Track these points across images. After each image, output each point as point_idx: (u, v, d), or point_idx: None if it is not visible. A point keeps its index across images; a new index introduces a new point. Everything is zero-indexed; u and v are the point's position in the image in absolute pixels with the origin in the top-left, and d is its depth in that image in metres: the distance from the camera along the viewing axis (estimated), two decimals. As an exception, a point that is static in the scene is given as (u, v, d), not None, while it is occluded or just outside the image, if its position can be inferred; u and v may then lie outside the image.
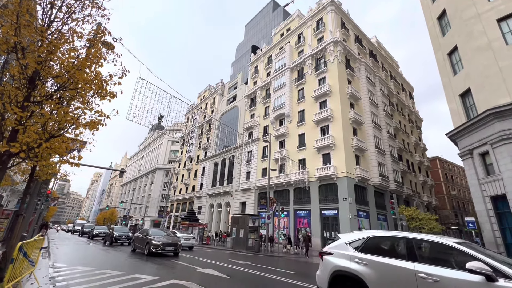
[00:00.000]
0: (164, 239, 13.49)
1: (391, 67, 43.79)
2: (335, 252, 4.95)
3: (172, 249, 13.46)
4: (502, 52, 16.75)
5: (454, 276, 3.66)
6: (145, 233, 14.44)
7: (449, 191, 54.63)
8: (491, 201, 16.71)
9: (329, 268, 4.77)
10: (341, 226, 23.52)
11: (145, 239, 13.64)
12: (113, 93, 5.15)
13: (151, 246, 12.86)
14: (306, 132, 30.14)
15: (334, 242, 5.22)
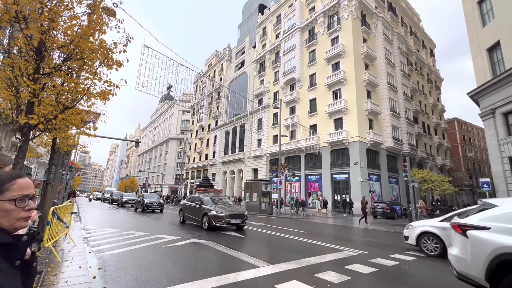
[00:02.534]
0: (225, 209, 10.62)
1: (411, 21, 40.11)
2: (496, 226, 3.34)
3: (239, 222, 10.38)
4: (543, -4, 14.80)
5: None
6: (199, 201, 11.41)
7: (465, 153, 53.40)
8: (509, 161, 16.28)
9: (486, 251, 3.25)
10: (352, 190, 23.98)
11: (201, 209, 10.81)
12: (120, 61, 5.07)
13: (212, 218, 9.99)
14: (318, 97, 29.27)
15: (486, 212, 3.63)
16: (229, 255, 6.19)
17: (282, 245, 7.90)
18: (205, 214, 10.37)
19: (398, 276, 5.04)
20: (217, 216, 10.04)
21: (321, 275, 4.78)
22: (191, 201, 12.12)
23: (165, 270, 4.85)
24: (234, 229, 10.57)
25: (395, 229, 13.24)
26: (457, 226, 3.78)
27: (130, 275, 4.51)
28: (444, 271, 5.57)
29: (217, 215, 10.06)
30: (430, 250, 7.13)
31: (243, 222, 10.52)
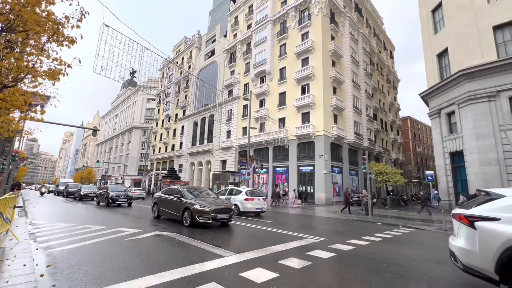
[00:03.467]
0: (210, 202, 9.28)
1: (375, 24, 42.57)
2: (506, 217, 3.24)
3: (226, 217, 9.17)
4: (483, 11, 16.72)
5: None
6: (178, 194, 10.00)
7: (415, 149, 59.25)
8: (450, 156, 18.47)
9: (497, 242, 3.14)
10: (316, 181, 25.18)
11: (181, 203, 9.48)
12: (72, 38, 4.51)
13: (195, 213, 8.71)
14: (287, 91, 29.81)
15: (494, 202, 3.51)
16: (194, 246, 6.11)
17: (250, 236, 8.04)
18: (187, 208, 9.01)
19: (354, 259, 5.46)
20: (202, 211, 8.70)
21: (284, 261, 4.97)
22: (169, 194, 10.65)
23: (124, 264, 4.61)
24: (219, 225, 9.50)
25: (364, 218, 14.28)
26: (464, 217, 3.59)
27: (85, 271, 4.20)
28: (394, 252, 6.19)
29: (201, 209, 8.72)
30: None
31: (230, 217, 9.37)
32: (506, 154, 14.84)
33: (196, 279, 3.92)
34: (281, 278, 4.08)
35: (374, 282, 4.08)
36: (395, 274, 4.52)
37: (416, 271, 4.76)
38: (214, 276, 4.06)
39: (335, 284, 4.06)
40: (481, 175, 15.37)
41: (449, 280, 4.40)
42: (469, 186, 15.88)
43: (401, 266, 5.09)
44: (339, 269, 4.76)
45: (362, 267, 4.88)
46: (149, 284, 3.65)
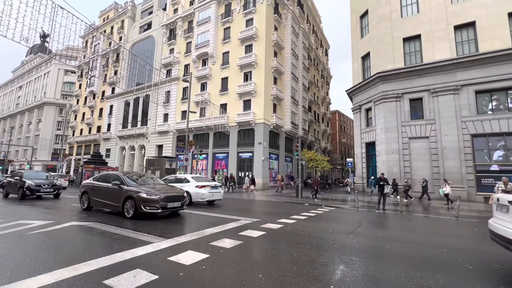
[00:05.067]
0: (158, 189, 8.15)
1: (314, 21, 45.38)
2: None
3: (178, 205, 8.22)
4: (397, 23, 19.62)
5: None
6: (117, 180, 8.43)
7: (340, 139, 67.39)
8: (365, 146, 21.66)
9: None
10: (255, 167, 26.16)
11: (121, 191, 8.02)
12: None
13: (141, 203, 7.48)
14: (230, 76, 29.48)
15: None
16: (118, 235, 5.63)
17: (188, 221, 7.85)
18: (129, 197, 7.73)
19: (281, 235, 5.97)
20: (149, 199, 7.54)
21: (216, 243, 5.07)
22: (103, 181, 8.97)
23: (25, 260, 3.92)
24: (167, 214, 8.32)
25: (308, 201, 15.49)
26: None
27: (-35, 272, 3.40)
28: (315, 228, 7.02)
29: (148, 198, 7.55)
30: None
31: (182, 206, 8.38)
32: (404, 145, 18.30)
33: (117, 268, 3.65)
34: (211, 258, 4.16)
35: (295, 253, 4.56)
36: (313, 245, 5.15)
37: (330, 242, 5.54)
38: (139, 263, 3.85)
39: (261, 258, 4.38)
40: (386, 162, 18.61)
41: (354, 247, 5.27)
42: (377, 171, 19.07)
43: (319, 238, 5.84)
44: (266, 245, 5.14)
45: (287, 242, 5.38)
46: (58, 279, 3.21)
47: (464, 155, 16.45)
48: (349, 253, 4.71)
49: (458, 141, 16.58)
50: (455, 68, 16.96)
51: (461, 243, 5.99)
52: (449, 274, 3.82)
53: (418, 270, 3.91)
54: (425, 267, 4.10)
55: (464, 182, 16.27)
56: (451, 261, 4.49)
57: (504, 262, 4.51)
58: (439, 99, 17.38)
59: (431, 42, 18.04)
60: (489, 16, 16.51)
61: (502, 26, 16.14)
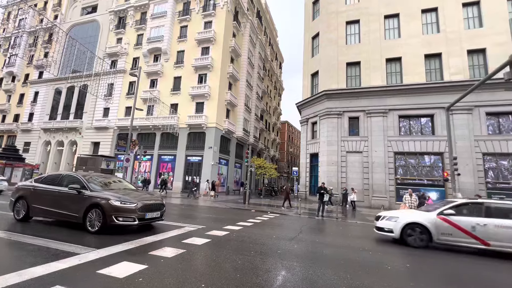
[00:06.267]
0: (134, 196, 6.64)
1: (271, 34, 47.49)
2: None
3: (157, 216, 6.87)
4: (342, 49, 21.93)
5: None
6: (77, 183, 6.62)
7: (288, 149, 71.05)
8: (310, 157, 23.27)
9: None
10: (203, 172, 25.49)
11: (83, 198, 6.31)
12: None
13: (113, 213, 5.96)
14: (183, 76, 28.42)
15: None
16: (34, 246, 4.77)
17: (125, 229, 7.09)
18: (95, 206, 6.09)
19: (226, 243, 5.91)
20: (124, 208, 6.04)
21: (156, 252, 4.73)
22: (52, 184, 6.98)
23: None
24: (136, 227, 6.42)
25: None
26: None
27: None
28: (260, 234, 7.17)
29: (123, 207, 6.04)
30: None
31: (161, 215, 7.09)
32: (342, 158, 20.30)
33: (30, 285, 3.07)
34: (150, 269, 3.85)
35: (240, 261, 4.57)
36: (258, 252, 5.25)
37: (274, 248, 5.73)
38: (60, 278, 3.32)
39: (204, 267, 4.25)
40: (327, 172, 20.32)
41: (295, 252, 5.55)
42: (318, 180, 20.64)
43: (263, 245, 5.98)
44: (211, 253, 5.02)
45: (232, 249, 5.36)
46: None
47: (388, 169, 19.13)
48: (291, 259, 4.95)
49: (384, 157, 19.23)
50: (385, 94, 19.78)
51: (382, 247, 6.88)
52: (372, 274, 4.35)
53: (349, 272, 4.34)
54: (355, 269, 4.58)
55: (387, 192, 18.85)
56: (374, 262, 5.13)
57: (413, 262, 5.36)
58: (372, 119, 19.96)
59: (368, 69, 20.71)
60: (411, 55, 19.86)
61: (420, 64, 19.60)
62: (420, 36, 19.97)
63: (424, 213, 7.21)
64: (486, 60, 18.21)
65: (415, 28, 20.16)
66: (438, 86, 18.59)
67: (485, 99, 17.38)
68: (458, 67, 18.65)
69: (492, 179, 17.27)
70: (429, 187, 18.24)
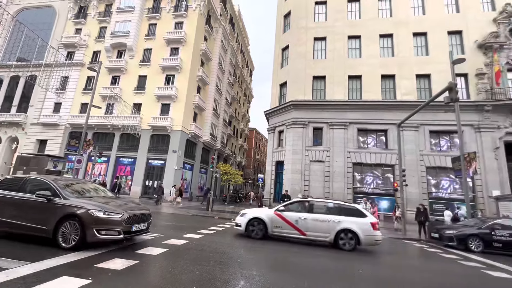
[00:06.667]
0: (118, 205, 5.76)
1: (243, 41, 48.05)
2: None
3: (143, 228, 6.00)
4: (309, 63, 23.01)
5: None
6: (47, 189, 5.52)
7: (255, 156, 71.59)
8: (275, 164, 23.67)
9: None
10: (166, 176, 24.31)
11: (54, 208, 5.29)
12: None
13: (94, 225, 5.08)
14: (149, 75, 27.12)
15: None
16: None
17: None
18: (71, 217, 5.14)
19: (184, 252, 5.63)
20: (108, 220, 5.17)
21: (104, 264, 4.29)
22: (13, 189, 5.75)
23: None
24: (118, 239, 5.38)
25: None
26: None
27: None
28: (221, 242, 6.98)
29: (107, 218, 5.17)
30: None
31: (148, 227, 6.25)
32: (306, 167, 21.04)
33: None
34: (94, 284, 3.46)
35: (198, 271, 4.37)
36: (217, 261, 5.08)
37: (234, 257, 5.61)
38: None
39: (158, 279, 3.97)
40: (291, 180, 20.83)
41: (256, 261, 5.50)
42: (283, 188, 21.03)
43: (224, 253, 5.82)
44: (166, 264, 4.72)
45: (191, 259, 5.11)
46: None
47: (347, 179, 20.32)
48: (251, 268, 4.88)
49: (344, 166, 20.41)
50: (346, 108, 21.16)
51: (336, 253, 7.19)
52: (328, 280, 4.48)
53: (306, 279, 4.42)
54: (311, 275, 4.68)
55: (345, 200, 19.93)
56: (329, 268, 5.31)
57: (365, 269, 5.67)
58: (334, 131, 21.14)
59: (333, 84, 22.03)
60: (370, 74, 21.65)
61: (377, 83, 21.44)
62: (378, 58, 21.91)
63: (267, 210, 8.43)
64: (430, 84, 20.65)
65: (374, 50, 22.09)
66: (391, 104, 20.48)
67: (429, 118, 19.61)
68: (408, 88, 20.82)
69: (433, 190, 19.39)
70: (382, 196, 19.78)
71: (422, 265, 7.27)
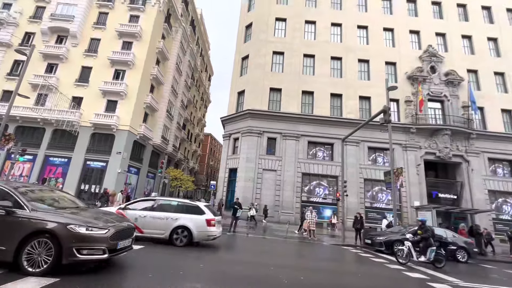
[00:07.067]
0: (98, 217, 4.81)
1: (204, 45, 47.41)
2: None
3: (128, 244, 4.99)
4: (267, 75, 23.85)
5: None
6: (5, 198, 4.23)
7: (209, 162, 70.06)
8: (229, 171, 23.53)
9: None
10: (107, 180, 21.96)
11: (15, 222, 4.04)
12: None
13: (74, 243, 4.02)
14: (95, 68, 24.56)
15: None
16: None
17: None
18: (40, 233, 4.13)
19: (124, 263, 5.09)
20: (92, 237, 4.29)
21: None
22: None
23: None
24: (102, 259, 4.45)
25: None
26: None
27: None
28: (165, 253, 6.53)
29: (90, 235, 4.29)
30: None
31: (131, 244, 5.22)
32: (258, 175, 21.41)
33: None
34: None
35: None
36: (157, 274, 4.72)
37: (177, 269, 5.28)
38: None
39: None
40: (243, 188, 20.90)
41: (200, 273, 5.26)
42: (235, 195, 20.95)
43: (165, 266, 5.43)
44: (101, 277, 4.18)
45: (131, 272, 4.63)
46: None
47: (296, 188, 21.31)
48: (194, 280, 4.66)
49: (294, 176, 21.40)
50: (299, 121, 22.42)
51: (284, 261, 7.41)
52: None
53: None
54: (259, 285, 4.69)
55: (294, 209, 20.83)
56: (275, 277, 5.42)
57: (310, 276, 5.94)
58: (287, 142, 22.11)
59: (288, 97, 23.17)
60: (321, 91, 23.45)
61: (327, 100, 23.32)
62: (328, 77, 23.93)
63: (111, 208, 8.41)
64: (370, 105, 23.35)
65: (325, 70, 24.08)
66: (337, 120, 22.46)
67: (368, 136, 22.05)
68: (352, 107, 23.15)
69: (369, 200, 21.66)
70: (326, 205, 21.26)
71: (356, 269, 7.96)
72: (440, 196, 22.11)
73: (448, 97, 23.44)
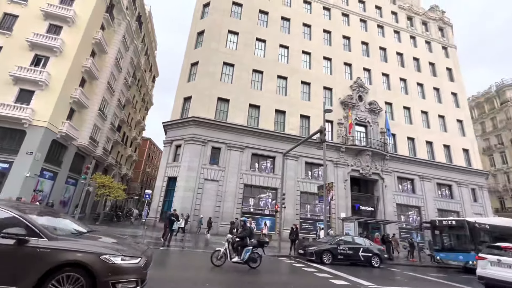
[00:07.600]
0: (126, 243, 4.05)
1: (150, 44, 44.54)
2: None
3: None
4: (216, 84, 23.81)
5: None
6: (15, 224, 3.03)
7: (145, 168, 64.42)
8: (168, 180, 22.10)
9: None
10: (8, 186, 17.88)
11: (38, 256, 2.99)
12: None
13: (110, 277, 3.18)
14: (6, 48, 20.34)
15: None
16: None
17: None
18: (67, 267, 3.23)
19: None
20: (127, 268, 3.67)
21: None
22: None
23: None
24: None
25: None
26: None
27: None
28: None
29: (126, 266, 3.66)
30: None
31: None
32: (199, 185, 20.71)
33: None
34: None
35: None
36: None
37: None
38: None
39: None
40: (182, 198, 19.84)
41: None
42: (172, 206, 19.66)
43: None
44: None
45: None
46: None
47: (237, 199, 21.34)
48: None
49: (236, 187, 21.43)
50: (244, 133, 22.83)
51: (217, 276, 7.19)
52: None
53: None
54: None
55: (233, 220, 20.69)
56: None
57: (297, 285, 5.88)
58: (231, 152, 22.14)
59: (235, 108, 23.45)
60: (267, 106, 24.54)
61: (272, 115, 24.50)
62: (274, 94, 25.29)
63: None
64: (310, 124, 25.52)
65: (272, 87, 25.42)
66: (280, 135, 23.74)
67: (306, 152, 23.89)
68: (294, 124, 24.88)
69: (304, 212, 23.20)
70: (266, 216, 21.83)
71: (288, 280, 8.29)
72: (362, 208, 25.28)
73: (370, 123, 27.47)
